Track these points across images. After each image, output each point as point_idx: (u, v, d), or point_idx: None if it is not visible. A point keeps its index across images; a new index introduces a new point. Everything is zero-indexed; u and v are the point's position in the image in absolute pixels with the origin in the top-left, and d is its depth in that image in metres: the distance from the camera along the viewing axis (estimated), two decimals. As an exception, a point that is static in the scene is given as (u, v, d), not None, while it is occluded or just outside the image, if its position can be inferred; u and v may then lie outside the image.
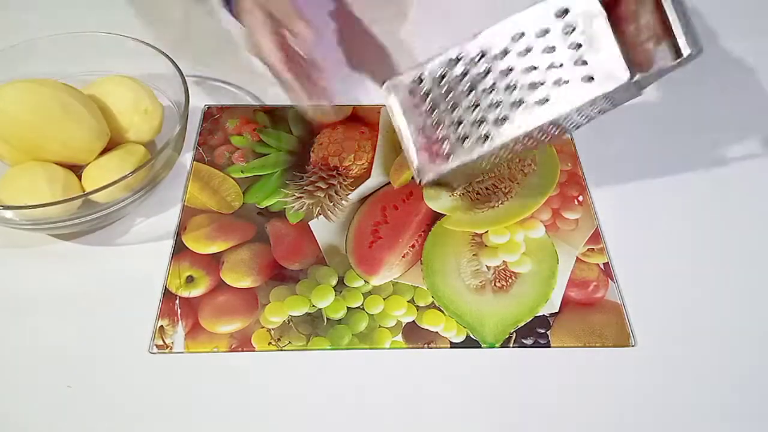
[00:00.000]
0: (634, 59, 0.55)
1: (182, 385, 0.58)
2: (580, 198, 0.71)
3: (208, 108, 0.79)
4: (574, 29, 0.57)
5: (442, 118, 0.61)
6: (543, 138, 0.62)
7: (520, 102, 0.59)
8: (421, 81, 0.61)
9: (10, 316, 0.62)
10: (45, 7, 0.89)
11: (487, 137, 0.60)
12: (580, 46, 0.57)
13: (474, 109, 0.60)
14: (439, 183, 0.61)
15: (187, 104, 0.69)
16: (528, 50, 0.58)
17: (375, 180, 0.72)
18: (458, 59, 0.60)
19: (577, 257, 0.66)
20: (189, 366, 0.59)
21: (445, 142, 0.61)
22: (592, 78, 0.56)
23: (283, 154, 0.75)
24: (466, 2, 0.88)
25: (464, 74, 0.60)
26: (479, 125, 0.60)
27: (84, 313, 0.62)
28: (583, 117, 0.61)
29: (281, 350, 0.60)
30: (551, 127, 0.60)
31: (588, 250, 0.67)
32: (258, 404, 0.57)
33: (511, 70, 0.59)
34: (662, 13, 0.54)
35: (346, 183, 0.72)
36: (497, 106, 0.59)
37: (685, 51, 0.54)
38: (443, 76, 0.61)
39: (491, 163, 0.64)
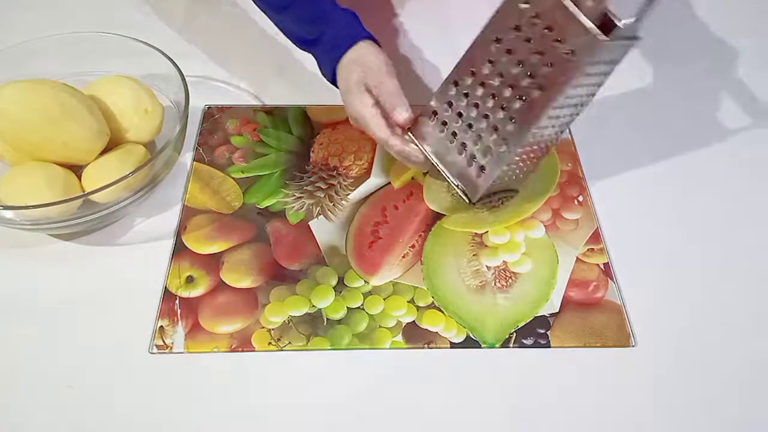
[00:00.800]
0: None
1: (182, 385, 0.58)
2: (580, 198, 0.71)
3: (208, 108, 0.79)
4: (537, 16, 0.57)
5: (464, 138, 0.64)
6: (555, 129, 0.63)
7: (524, 99, 0.60)
8: (435, 114, 0.65)
9: (11, 315, 0.62)
10: (45, 7, 0.89)
11: (505, 141, 0.61)
12: (550, 29, 0.56)
13: (486, 120, 0.62)
14: (481, 198, 0.65)
15: (187, 104, 0.69)
16: (509, 51, 0.60)
17: (375, 180, 0.72)
18: (456, 84, 0.63)
19: (577, 257, 0.66)
20: (189, 366, 0.59)
21: (476, 158, 0.64)
22: (573, 51, 0.56)
23: (283, 154, 0.75)
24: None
25: (466, 95, 0.63)
26: (495, 132, 0.62)
27: (84, 313, 0.62)
28: (585, 91, 0.61)
29: (281, 350, 0.60)
30: (558, 112, 0.60)
31: (588, 250, 0.67)
32: (258, 404, 0.57)
33: (501, 75, 0.60)
34: None
35: (346, 183, 0.72)
36: (504, 108, 0.61)
37: None
38: (450, 104, 0.64)
39: (523, 171, 0.67)
